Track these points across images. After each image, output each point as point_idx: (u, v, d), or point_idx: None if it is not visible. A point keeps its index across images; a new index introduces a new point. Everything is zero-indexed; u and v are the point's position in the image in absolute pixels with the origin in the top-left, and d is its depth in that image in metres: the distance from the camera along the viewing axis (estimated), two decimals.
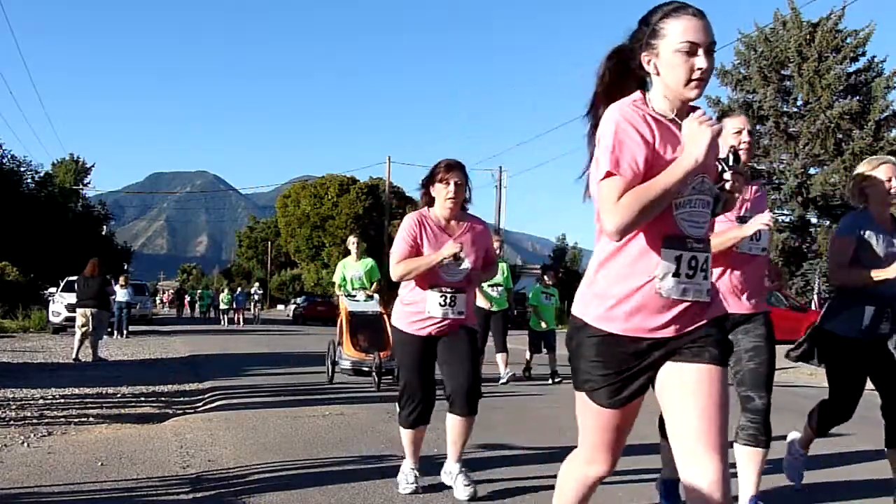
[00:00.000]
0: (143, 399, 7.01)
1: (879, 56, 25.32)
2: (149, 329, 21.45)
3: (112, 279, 15.78)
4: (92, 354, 10.90)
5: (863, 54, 24.96)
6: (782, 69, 25.52)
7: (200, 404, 6.77)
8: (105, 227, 43.50)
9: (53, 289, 20.82)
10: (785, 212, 25.39)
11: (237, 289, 34.53)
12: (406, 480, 3.63)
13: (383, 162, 34.91)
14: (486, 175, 33.84)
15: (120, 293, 17.42)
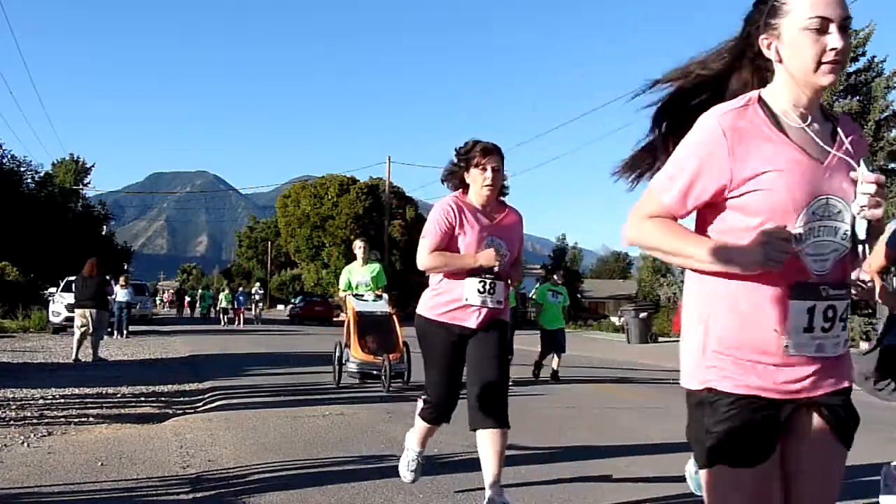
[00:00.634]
0: (143, 399, 7.01)
1: (879, 56, 25.28)
2: (149, 329, 21.44)
3: (112, 279, 15.78)
4: (92, 354, 10.89)
5: (863, 54, 24.94)
6: None
7: (200, 404, 6.77)
8: (105, 227, 43.54)
9: (53, 289, 20.80)
10: None
11: (238, 289, 34.52)
12: (409, 467, 3.49)
13: (383, 162, 35.01)
14: None
15: (120, 293, 17.43)
